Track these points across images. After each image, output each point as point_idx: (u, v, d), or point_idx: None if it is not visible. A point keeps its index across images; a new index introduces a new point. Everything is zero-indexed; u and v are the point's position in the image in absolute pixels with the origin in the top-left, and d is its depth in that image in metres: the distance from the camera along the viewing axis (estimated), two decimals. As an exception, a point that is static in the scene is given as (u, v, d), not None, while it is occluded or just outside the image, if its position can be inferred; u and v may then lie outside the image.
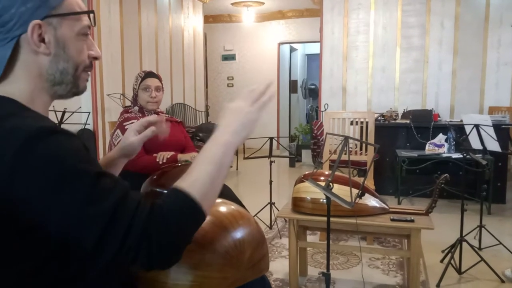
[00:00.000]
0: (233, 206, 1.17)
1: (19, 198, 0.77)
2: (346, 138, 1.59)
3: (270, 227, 3.55)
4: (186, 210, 0.84)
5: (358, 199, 1.48)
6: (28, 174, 0.76)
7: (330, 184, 1.58)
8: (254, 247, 1.10)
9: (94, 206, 0.78)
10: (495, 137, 2.84)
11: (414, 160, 4.15)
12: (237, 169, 6.38)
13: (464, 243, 2.62)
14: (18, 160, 0.76)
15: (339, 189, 1.80)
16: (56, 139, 0.80)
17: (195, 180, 0.86)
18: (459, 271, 2.62)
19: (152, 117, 1.28)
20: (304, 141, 7.59)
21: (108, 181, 0.81)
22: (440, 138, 4.24)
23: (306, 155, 7.01)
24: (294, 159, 6.74)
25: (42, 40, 0.87)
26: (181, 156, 2.45)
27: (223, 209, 1.14)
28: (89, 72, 0.98)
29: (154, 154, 2.35)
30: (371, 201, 2.23)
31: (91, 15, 0.95)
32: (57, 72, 0.90)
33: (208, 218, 1.06)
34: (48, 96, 0.92)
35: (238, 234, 1.07)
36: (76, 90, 0.94)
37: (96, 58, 0.97)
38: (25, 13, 0.84)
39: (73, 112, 3.72)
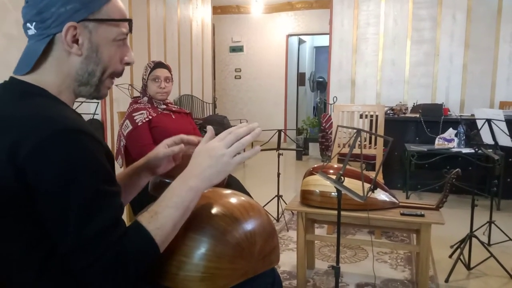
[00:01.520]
0: (244, 198, 1.16)
1: (28, 181, 0.81)
2: (359, 131, 1.57)
3: (277, 220, 3.54)
4: (150, 257, 0.89)
5: (370, 193, 1.46)
6: (41, 164, 0.80)
7: (342, 177, 1.56)
8: (265, 239, 1.09)
9: (79, 221, 0.82)
10: (507, 132, 2.80)
11: (424, 154, 4.11)
12: (244, 161, 6.37)
13: (473, 239, 2.60)
14: (37, 149, 0.80)
15: (349, 183, 1.78)
16: (80, 140, 0.83)
17: (162, 226, 0.90)
18: (468, 266, 2.60)
19: (186, 137, 1.25)
20: (312, 134, 7.56)
21: (105, 202, 0.85)
22: (450, 132, 4.20)
23: (313, 148, 6.98)
24: (302, 152, 6.72)
25: (76, 41, 0.90)
26: (190, 147, 2.44)
27: (234, 200, 1.13)
28: (113, 81, 1.01)
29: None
30: (381, 195, 2.21)
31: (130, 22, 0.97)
32: (86, 73, 0.93)
33: (219, 209, 1.05)
34: (74, 94, 0.96)
35: (249, 225, 1.06)
36: (96, 94, 0.98)
37: (129, 64, 1.00)
38: (64, 14, 0.88)
39: (82, 102, 3.72)
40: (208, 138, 1.01)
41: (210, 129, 1.03)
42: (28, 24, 0.90)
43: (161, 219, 0.91)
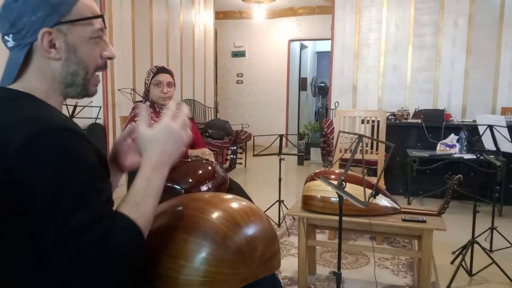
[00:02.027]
0: (245, 203, 1.16)
1: (16, 175, 0.82)
2: (360, 137, 1.57)
3: (279, 225, 3.53)
4: (138, 245, 0.91)
5: (372, 198, 1.46)
6: (29, 161, 0.82)
7: (343, 183, 1.56)
8: (266, 244, 1.09)
9: (65, 215, 0.82)
10: (509, 138, 2.80)
11: (425, 160, 4.11)
12: (245, 166, 6.37)
13: (475, 245, 2.59)
14: (25, 147, 0.82)
15: (351, 188, 1.78)
16: (66, 138, 0.85)
17: (143, 214, 0.92)
18: (470, 273, 2.59)
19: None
20: (313, 139, 7.56)
21: (91, 197, 0.86)
22: (452, 138, 4.19)
23: (315, 153, 6.97)
24: (303, 157, 6.72)
25: (53, 46, 0.92)
26: (192, 152, 2.45)
27: (235, 205, 1.13)
28: (99, 78, 1.03)
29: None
30: (383, 201, 2.21)
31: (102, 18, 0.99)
32: (69, 75, 0.96)
33: (220, 214, 1.06)
34: (62, 96, 0.98)
35: (250, 230, 1.06)
36: (85, 93, 1.00)
37: (110, 58, 1.02)
38: (36, 22, 0.90)
39: (84, 107, 3.73)
40: (144, 119, 1.02)
41: (141, 107, 1.05)
42: (6, 37, 0.93)
43: (142, 208, 0.92)
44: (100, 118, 4.21)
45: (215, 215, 1.05)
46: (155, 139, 0.98)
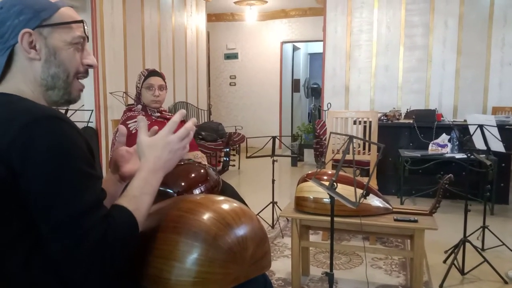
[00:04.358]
0: (236, 204, 1.17)
1: (13, 166, 0.84)
2: (351, 138, 1.58)
3: (272, 227, 3.53)
4: (133, 236, 0.94)
5: (362, 199, 1.47)
6: (26, 149, 0.84)
7: (334, 183, 1.57)
8: (257, 244, 1.09)
9: (66, 200, 0.85)
10: (499, 137, 2.82)
11: (417, 160, 4.13)
12: (239, 168, 6.37)
13: (467, 244, 2.61)
14: (21, 135, 0.84)
15: (342, 189, 1.79)
16: (60, 125, 0.88)
17: (139, 208, 0.98)
18: (462, 271, 2.60)
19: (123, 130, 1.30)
20: (306, 140, 7.58)
21: (90, 183, 0.89)
22: (443, 138, 4.22)
23: (308, 154, 6.99)
24: (296, 158, 6.73)
25: (34, 47, 0.96)
26: (184, 155, 2.44)
27: (225, 206, 1.13)
28: (83, 84, 1.06)
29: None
30: (375, 201, 2.22)
31: (84, 25, 1.02)
32: (49, 77, 0.98)
33: (211, 215, 1.06)
34: (45, 102, 1.00)
35: (241, 231, 1.06)
36: (68, 97, 1.02)
37: (91, 66, 1.04)
38: (18, 25, 0.94)
39: (76, 110, 3.72)
40: (144, 128, 1.09)
41: (141, 119, 1.11)
42: None
43: (138, 202, 0.98)
44: (92, 122, 4.19)
45: (205, 216, 1.05)
46: (153, 146, 1.05)
